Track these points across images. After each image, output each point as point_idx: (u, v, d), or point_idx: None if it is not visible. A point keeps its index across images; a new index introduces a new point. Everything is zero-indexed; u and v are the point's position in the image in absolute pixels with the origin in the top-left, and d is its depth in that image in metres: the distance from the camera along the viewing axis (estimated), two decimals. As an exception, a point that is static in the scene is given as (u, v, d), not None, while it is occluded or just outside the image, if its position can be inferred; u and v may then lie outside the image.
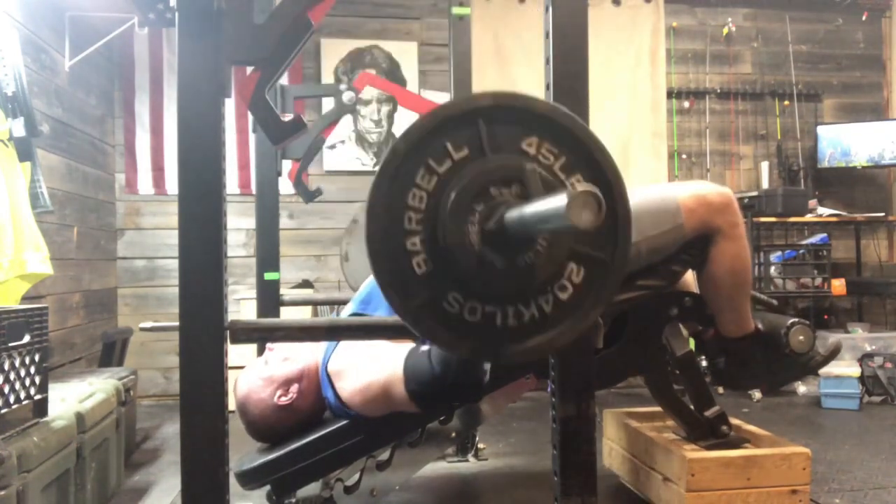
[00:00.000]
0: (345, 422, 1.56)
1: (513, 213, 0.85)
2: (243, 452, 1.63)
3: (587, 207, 0.71)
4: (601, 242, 0.95)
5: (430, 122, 0.91)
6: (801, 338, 1.78)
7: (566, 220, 0.71)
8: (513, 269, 0.89)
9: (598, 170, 0.94)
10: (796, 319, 1.81)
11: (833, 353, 1.84)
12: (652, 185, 2.00)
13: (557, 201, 0.74)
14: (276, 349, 1.66)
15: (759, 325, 1.85)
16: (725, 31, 4.40)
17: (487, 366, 1.34)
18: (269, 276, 2.33)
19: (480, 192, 0.89)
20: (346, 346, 1.57)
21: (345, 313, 1.79)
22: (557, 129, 0.93)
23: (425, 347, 1.40)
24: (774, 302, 2.20)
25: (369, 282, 1.73)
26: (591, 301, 0.96)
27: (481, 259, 0.88)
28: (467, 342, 0.92)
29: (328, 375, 1.57)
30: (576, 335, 0.96)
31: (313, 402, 1.60)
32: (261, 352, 2.07)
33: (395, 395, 1.43)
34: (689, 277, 1.93)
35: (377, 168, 0.90)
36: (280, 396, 1.59)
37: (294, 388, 1.59)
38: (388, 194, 0.89)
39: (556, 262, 0.92)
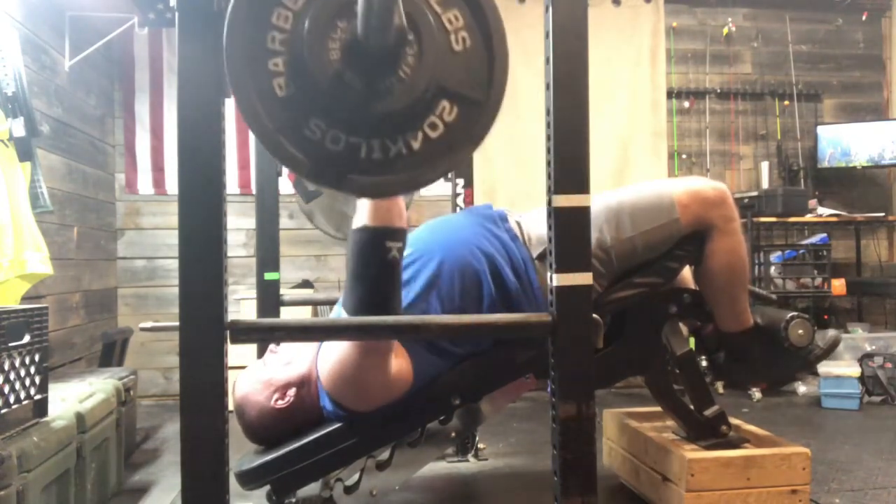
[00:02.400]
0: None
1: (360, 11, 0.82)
2: (243, 452, 1.63)
3: None
4: (476, 82, 0.92)
5: None
6: (800, 331, 1.78)
7: None
8: (374, 94, 0.86)
9: (477, 5, 0.93)
10: (795, 313, 1.80)
11: (832, 346, 1.84)
12: (646, 181, 2.00)
13: None
14: (279, 351, 1.65)
15: (758, 320, 1.84)
16: (725, 31, 4.40)
17: (397, 245, 1.30)
18: (269, 276, 2.32)
19: (344, 8, 0.85)
20: (328, 345, 1.55)
21: (333, 314, 1.78)
22: None
23: None
24: (773, 296, 2.20)
25: None
26: (462, 141, 0.93)
27: (341, 79, 0.85)
28: (328, 171, 0.90)
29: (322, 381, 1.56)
30: (443, 174, 0.94)
31: (311, 409, 1.58)
32: (261, 352, 2.07)
33: (359, 350, 1.41)
34: (687, 274, 1.93)
35: None
36: (277, 400, 1.57)
37: (292, 392, 1.58)
38: (250, 11, 0.86)
39: (418, 91, 0.89)
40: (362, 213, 1.31)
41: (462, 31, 0.96)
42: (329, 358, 1.50)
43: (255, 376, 1.62)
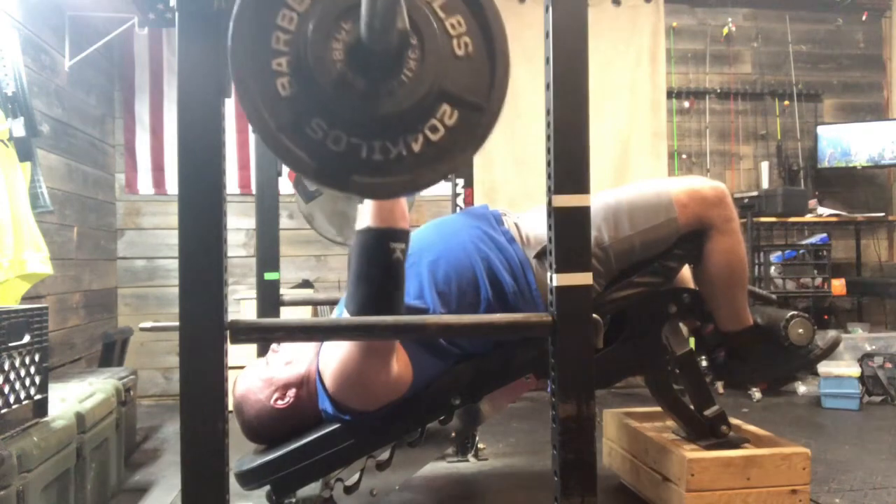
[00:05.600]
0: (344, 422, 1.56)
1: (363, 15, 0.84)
2: (243, 452, 1.63)
3: None
4: (477, 87, 0.94)
5: None
6: (800, 330, 1.78)
7: None
8: (376, 96, 0.87)
9: (479, 11, 0.94)
10: (795, 312, 1.80)
11: (833, 346, 1.84)
12: (645, 180, 2.00)
13: None
14: (281, 351, 1.65)
15: (758, 319, 1.85)
16: (725, 31, 4.40)
17: (400, 246, 1.31)
18: (269, 276, 2.32)
19: (348, 11, 0.86)
20: (329, 346, 1.55)
21: (335, 314, 1.78)
22: None
23: None
24: (773, 297, 2.20)
25: None
26: (462, 145, 0.94)
27: (344, 80, 0.86)
28: (329, 171, 0.91)
29: (322, 382, 1.55)
30: (442, 176, 0.95)
31: (310, 409, 1.58)
32: (261, 352, 2.07)
33: (361, 351, 1.41)
34: (687, 274, 1.94)
35: None
36: (277, 400, 1.57)
37: (292, 392, 1.58)
38: (255, 12, 0.87)
39: (420, 94, 0.90)
40: (365, 214, 1.32)
41: (464, 37, 0.97)
42: (331, 359, 1.49)
43: (255, 375, 1.62)
